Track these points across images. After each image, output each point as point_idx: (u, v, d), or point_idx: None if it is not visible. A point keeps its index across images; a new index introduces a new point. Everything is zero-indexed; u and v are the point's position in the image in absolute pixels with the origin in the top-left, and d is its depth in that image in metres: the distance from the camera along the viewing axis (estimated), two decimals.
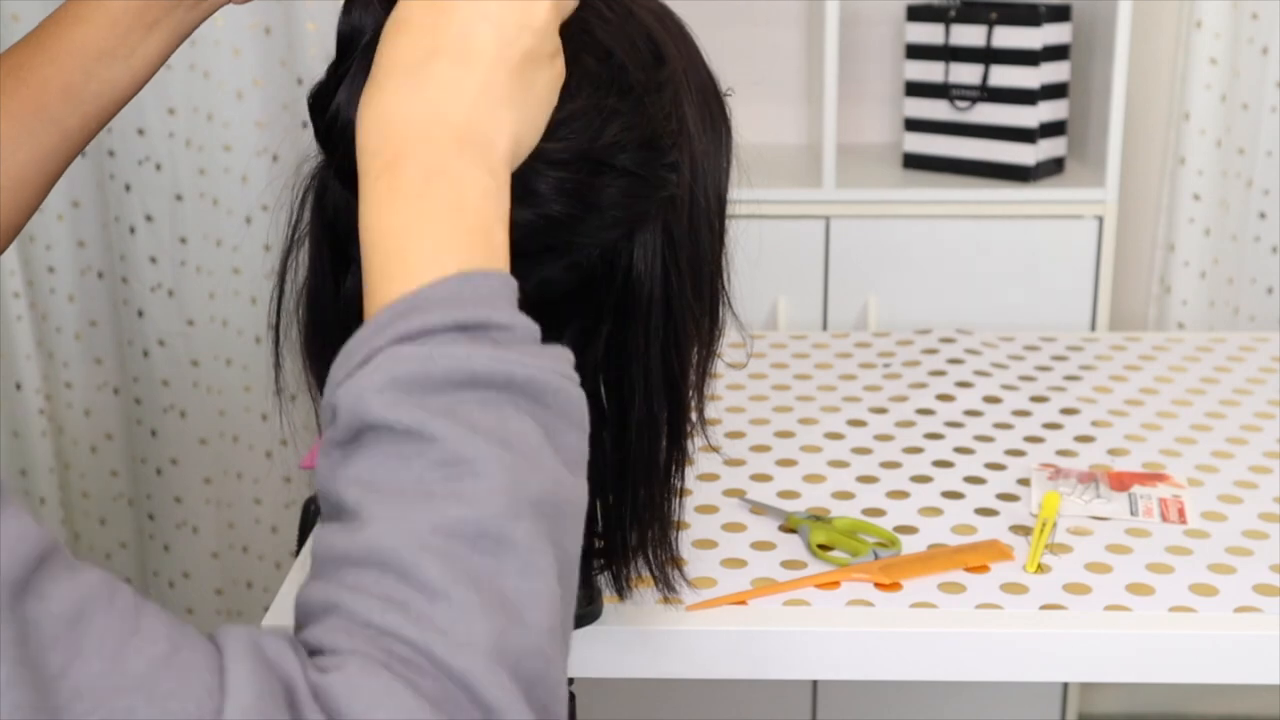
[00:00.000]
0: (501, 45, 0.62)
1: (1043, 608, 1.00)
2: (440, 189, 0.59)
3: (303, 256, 0.85)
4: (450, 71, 0.61)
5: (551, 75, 0.67)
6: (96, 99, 0.82)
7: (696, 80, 0.82)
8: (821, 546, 1.07)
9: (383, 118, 0.61)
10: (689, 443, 0.89)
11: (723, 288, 0.86)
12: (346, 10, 0.74)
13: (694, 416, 0.88)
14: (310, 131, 0.78)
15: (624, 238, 0.78)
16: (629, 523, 0.87)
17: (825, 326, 1.92)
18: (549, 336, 0.66)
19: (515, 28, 0.63)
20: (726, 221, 0.85)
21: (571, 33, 0.74)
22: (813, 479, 1.21)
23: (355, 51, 0.72)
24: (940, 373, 1.44)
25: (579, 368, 0.74)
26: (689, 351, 0.84)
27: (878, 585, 1.02)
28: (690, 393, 0.86)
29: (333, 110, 0.72)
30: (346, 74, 0.71)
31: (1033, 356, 1.50)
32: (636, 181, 0.76)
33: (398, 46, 0.62)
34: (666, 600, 0.96)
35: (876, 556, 1.06)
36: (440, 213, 0.59)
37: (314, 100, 0.75)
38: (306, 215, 0.85)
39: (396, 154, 0.60)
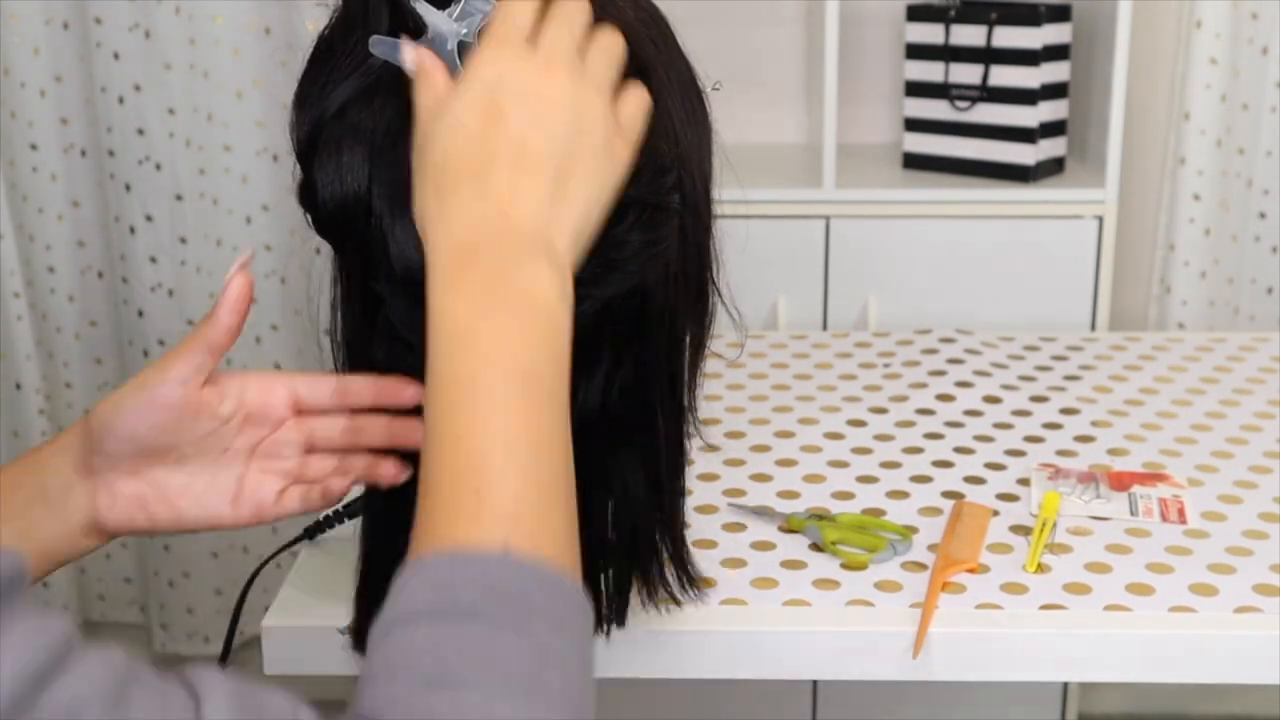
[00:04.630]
0: (553, 149, 0.66)
1: (1043, 608, 1.00)
2: (514, 283, 0.63)
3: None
4: (509, 177, 0.65)
5: (610, 167, 0.69)
6: None
7: (676, 75, 0.82)
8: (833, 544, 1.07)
9: (452, 225, 0.64)
10: (689, 441, 0.90)
11: (713, 280, 0.87)
12: (300, 108, 0.78)
13: (689, 414, 0.89)
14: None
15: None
16: (642, 529, 0.88)
17: (825, 326, 1.92)
18: (581, 370, 0.73)
19: (567, 130, 0.66)
20: (714, 211, 0.86)
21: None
22: (813, 479, 1.20)
23: (318, 144, 0.76)
24: (940, 373, 1.44)
25: (609, 391, 0.79)
26: (685, 352, 0.85)
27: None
28: (687, 391, 0.87)
29: (322, 204, 0.75)
30: (315, 162, 0.76)
31: (1033, 356, 1.50)
32: (650, 226, 0.77)
33: (458, 153, 0.65)
34: (686, 590, 0.95)
35: (895, 551, 1.06)
36: (515, 304, 0.63)
37: (303, 194, 0.79)
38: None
39: (470, 254, 0.64)
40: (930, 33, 1.92)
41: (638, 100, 0.72)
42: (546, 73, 0.67)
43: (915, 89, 1.95)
